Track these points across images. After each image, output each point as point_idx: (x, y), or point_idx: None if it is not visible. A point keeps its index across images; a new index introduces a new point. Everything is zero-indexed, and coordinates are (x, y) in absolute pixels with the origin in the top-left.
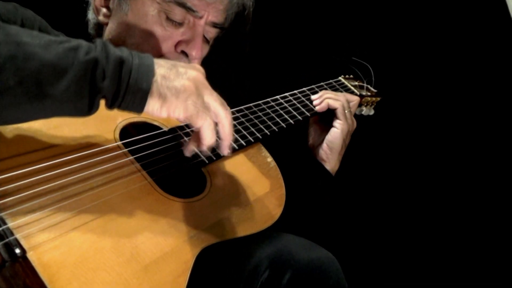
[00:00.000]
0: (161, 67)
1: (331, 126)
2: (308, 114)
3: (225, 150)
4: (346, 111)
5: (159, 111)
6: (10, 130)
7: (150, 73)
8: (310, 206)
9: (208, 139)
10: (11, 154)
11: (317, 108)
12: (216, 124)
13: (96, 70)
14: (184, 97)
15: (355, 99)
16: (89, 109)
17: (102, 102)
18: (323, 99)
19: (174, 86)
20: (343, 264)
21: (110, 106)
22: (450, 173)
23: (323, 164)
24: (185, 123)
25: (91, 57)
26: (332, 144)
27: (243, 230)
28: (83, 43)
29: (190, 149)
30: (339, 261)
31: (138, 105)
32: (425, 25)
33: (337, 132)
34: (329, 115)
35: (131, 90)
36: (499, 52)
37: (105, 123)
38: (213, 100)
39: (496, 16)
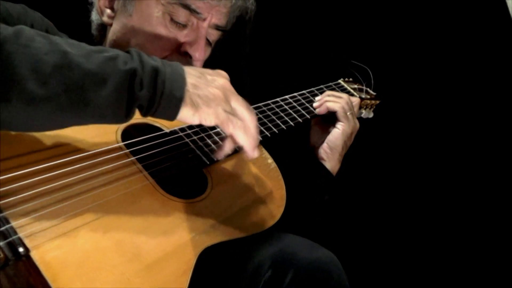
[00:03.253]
0: (191, 76)
1: (333, 127)
2: (308, 116)
3: (250, 153)
4: (348, 113)
5: (192, 118)
6: None
7: (182, 82)
8: (310, 205)
9: (243, 141)
10: (14, 154)
11: (316, 111)
12: None
13: (135, 80)
14: (214, 104)
15: (355, 100)
16: (126, 116)
17: None
18: (322, 102)
19: (205, 94)
20: (344, 264)
21: (145, 114)
22: (449, 174)
23: (323, 164)
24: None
25: (129, 67)
26: (332, 144)
27: (244, 230)
28: (120, 52)
29: (224, 153)
30: (340, 261)
31: (172, 113)
32: (425, 26)
33: (338, 132)
34: (332, 116)
35: (165, 99)
36: (499, 52)
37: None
38: (240, 105)
39: (496, 16)
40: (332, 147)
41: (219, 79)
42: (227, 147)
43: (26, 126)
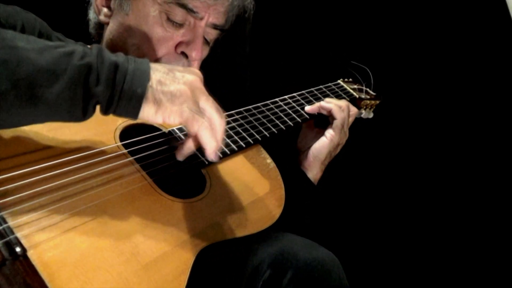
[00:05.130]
0: (157, 72)
1: (322, 134)
2: (307, 116)
3: (211, 155)
4: (344, 126)
5: (154, 116)
6: (11, 130)
7: (145, 78)
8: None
9: (208, 142)
10: (11, 154)
11: (307, 109)
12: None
13: (90, 75)
14: (179, 102)
15: (353, 110)
16: (83, 114)
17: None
18: (327, 105)
19: (170, 91)
20: (344, 263)
21: (104, 111)
22: (449, 174)
23: (305, 171)
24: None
25: (85, 62)
26: (317, 152)
27: (243, 230)
28: (78, 48)
29: (183, 153)
30: (339, 260)
31: (133, 111)
32: (425, 26)
33: (326, 142)
34: (325, 121)
35: (125, 96)
36: (499, 52)
37: (105, 124)
38: (209, 106)
39: (496, 16)
40: (316, 156)
41: (189, 76)
42: (187, 148)
43: None
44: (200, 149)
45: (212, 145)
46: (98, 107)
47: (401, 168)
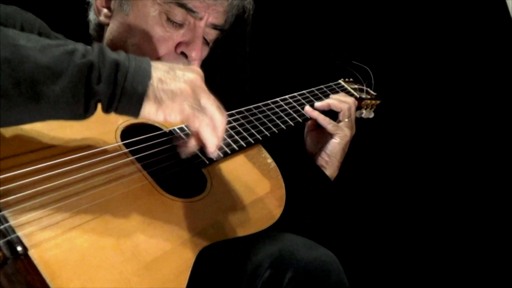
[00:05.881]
0: (158, 70)
1: (328, 134)
2: (308, 116)
3: (212, 152)
4: (347, 120)
5: (155, 114)
6: (12, 129)
7: (146, 76)
8: (308, 208)
9: (209, 139)
10: (13, 153)
11: (316, 105)
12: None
13: (92, 74)
14: (180, 100)
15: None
16: (85, 112)
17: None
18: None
19: (171, 89)
20: (343, 263)
21: (106, 109)
22: (450, 174)
23: (323, 170)
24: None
25: (86, 60)
26: (330, 152)
27: (244, 230)
28: (79, 46)
29: (187, 152)
30: (339, 260)
31: (134, 109)
32: (425, 26)
33: (336, 141)
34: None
35: (126, 94)
36: (499, 52)
37: (106, 124)
38: (210, 104)
39: (496, 16)
40: (330, 155)
41: (189, 74)
42: (190, 146)
43: None
44: (201, 148)
45: (213, 142)
46: (99, 106)
47: (401, 168)
